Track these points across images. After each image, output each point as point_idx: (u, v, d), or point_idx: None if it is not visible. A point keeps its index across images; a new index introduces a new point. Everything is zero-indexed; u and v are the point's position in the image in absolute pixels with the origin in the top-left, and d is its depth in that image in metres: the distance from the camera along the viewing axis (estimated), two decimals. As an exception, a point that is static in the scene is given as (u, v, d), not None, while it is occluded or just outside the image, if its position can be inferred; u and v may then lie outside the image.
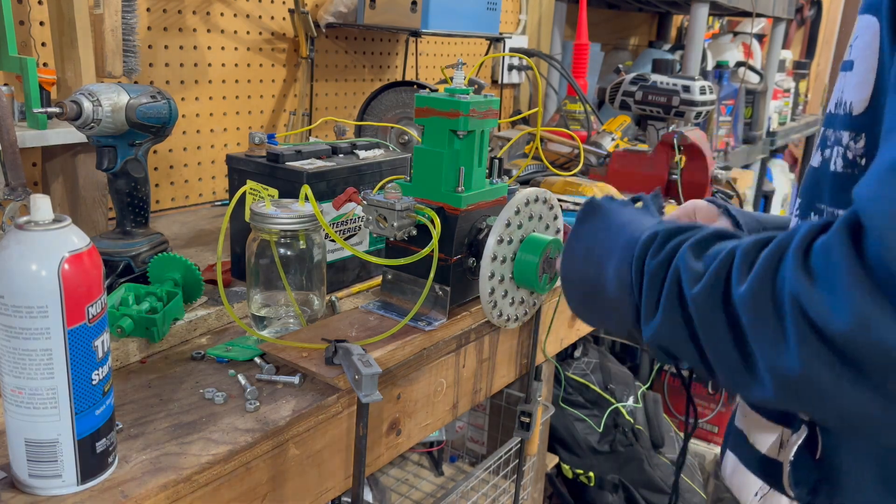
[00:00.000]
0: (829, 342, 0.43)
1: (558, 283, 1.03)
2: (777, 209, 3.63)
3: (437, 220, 0.84)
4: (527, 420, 1.14)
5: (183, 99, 1.40)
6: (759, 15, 2.58)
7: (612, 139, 1.80)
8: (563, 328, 1.22)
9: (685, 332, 0.53)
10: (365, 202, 0.85)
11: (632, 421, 1.77)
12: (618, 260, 0.61)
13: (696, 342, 0.53)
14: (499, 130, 1.92)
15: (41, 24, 1.17)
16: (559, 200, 1.12)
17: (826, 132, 0.59)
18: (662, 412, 1.86)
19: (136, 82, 1.16)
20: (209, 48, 1.42)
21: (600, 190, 1.48)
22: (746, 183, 2.01)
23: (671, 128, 1.59)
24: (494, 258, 0.86)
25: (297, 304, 0.86)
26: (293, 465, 0.72)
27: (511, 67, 2.26)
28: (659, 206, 0.73)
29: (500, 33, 1.66)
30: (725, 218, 0.80)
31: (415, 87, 1.43)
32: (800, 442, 0.59)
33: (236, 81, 1.49)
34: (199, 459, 0.62)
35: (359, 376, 0.69)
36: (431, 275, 0.83)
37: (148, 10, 1.31)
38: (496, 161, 0.98)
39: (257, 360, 0.80)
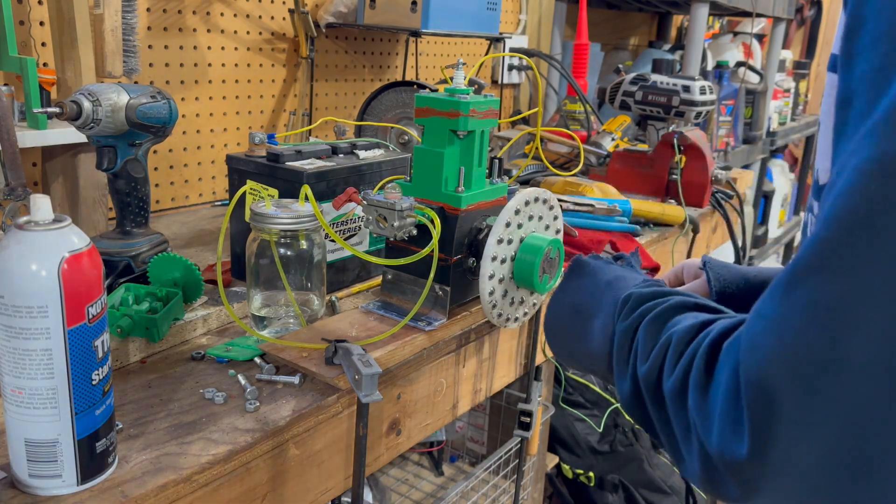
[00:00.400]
0: (712, 458, 0.45)
1: (558, 282, 1.03)
2: (777, 209, 3.64)
3: (437, 220, 0.84)
4: (527, 420, 1.14)
5: (183, 99, 1.40)
6: (759, 15, 2.58)
7: (612, 139, 1.80)
8: (563, 328, 1.22)
9: (638, 403, 0.56)
10: (365, 202, 0.85)
11: (632, 421, 1.76)
12: (604, 317, 0.63)
13: (645, 414, 0.55)
14: (499, 130, 1.92)
15: (41, 24, 1.17)
16: (559, 200, 1.12)
17: (808, 195, 0.56)
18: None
19: (136, 82, 1.16)
20: (209, 48, 1.42)
21: (600, 190, 1.48)
22: (746, 183, 2.01)
23: (671, 128, 1.59)
24: (494, 258, 0.86)
25: (297, 304, 0.86)
26: (293, 465, 0.72)
27: (511, 67, 2.26)
28: (639, 262, 0.74)
29: (500, 33, 1.66)
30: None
31: (415, 87, 1.43)
32: None
33: (236, 81, 1.49)
34: (199, 459, 0.62)
35: (359, 376, 0.69)
36: (431, 275, 0.83)
37: (148, 10, 1.31)
38: (496, 161, 0.98)
39: (257, 360, 0.80)
